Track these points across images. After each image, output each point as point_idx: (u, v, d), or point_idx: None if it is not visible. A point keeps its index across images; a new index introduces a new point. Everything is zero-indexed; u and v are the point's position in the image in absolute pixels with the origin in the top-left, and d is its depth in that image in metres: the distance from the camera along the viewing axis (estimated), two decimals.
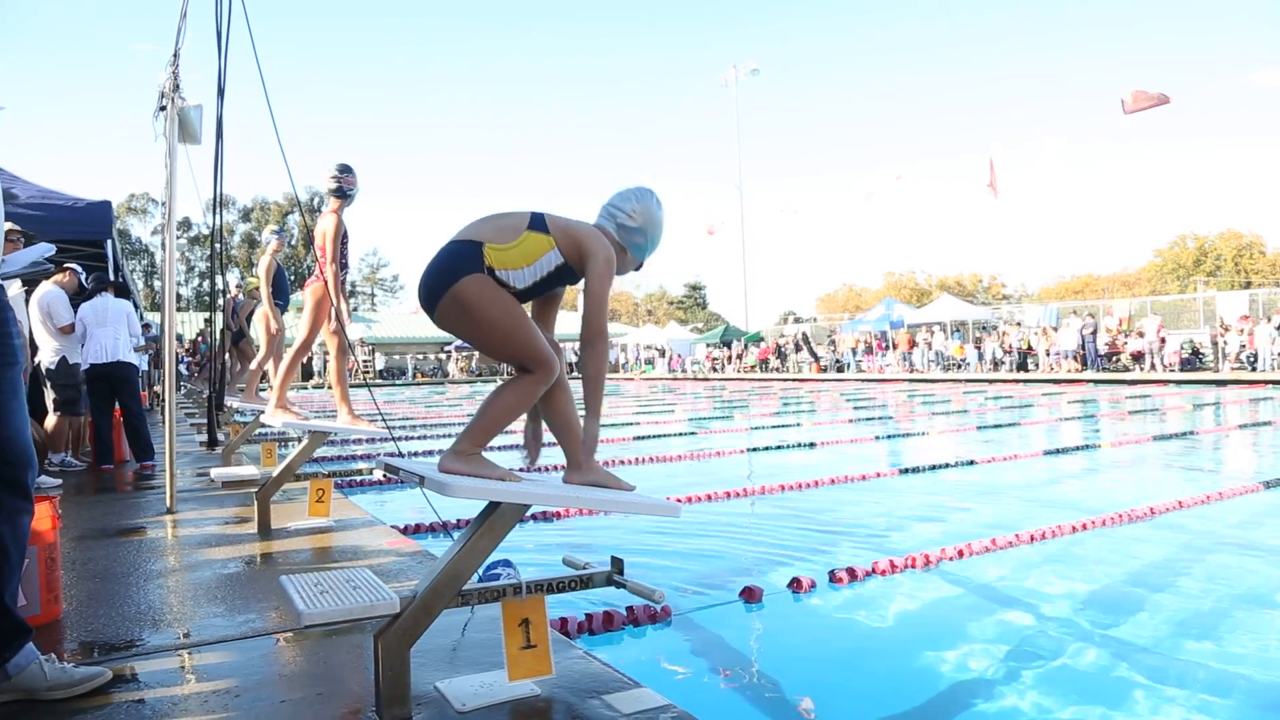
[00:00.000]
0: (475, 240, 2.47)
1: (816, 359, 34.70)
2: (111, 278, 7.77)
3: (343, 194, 5.43)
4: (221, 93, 4.21)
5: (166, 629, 3.11)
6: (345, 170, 5.43)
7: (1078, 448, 9.42)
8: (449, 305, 2.45)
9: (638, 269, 2.81)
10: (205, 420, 9.55)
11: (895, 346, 32.10)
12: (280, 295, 7.80)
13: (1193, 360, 23.95)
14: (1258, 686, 2.94)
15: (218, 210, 4.78)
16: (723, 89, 45.75)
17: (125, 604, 3.44)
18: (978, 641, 3.42)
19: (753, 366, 37.35)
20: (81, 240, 7.49)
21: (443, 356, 48.63)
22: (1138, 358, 24.52)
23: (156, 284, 60.59)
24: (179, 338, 19.91)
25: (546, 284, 2.54)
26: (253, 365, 8.04)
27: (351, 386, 5.72)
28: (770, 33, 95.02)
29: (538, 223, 2.53)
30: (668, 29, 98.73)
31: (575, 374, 2.90)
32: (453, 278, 2.42)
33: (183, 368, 22.77)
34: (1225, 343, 23.32)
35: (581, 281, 2.58)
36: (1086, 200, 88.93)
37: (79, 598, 3.55)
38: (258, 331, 8.21)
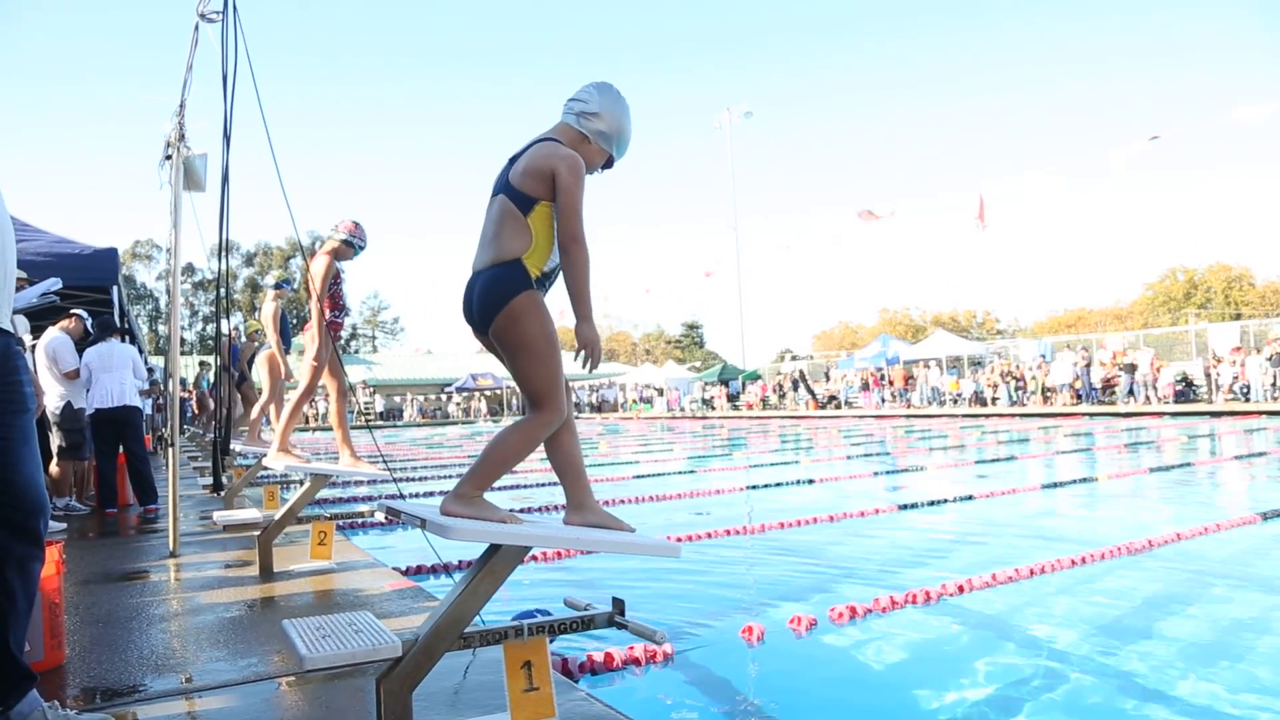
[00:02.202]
0: (514, 256, 2.53)
1: (814, 396, 34.73)
2: (117, 323, 7.85)
3: (349, 244, 5.52)
4: (228, 139, 4.29)
5: (169, 673, 3.12)
6: (358, 225, 5.56)
7: (1075, 481, 9.43)
8: (504, 321, 2.50)
9: (608, 165, 2.80)
10: (209, 463, 9.55)
11: (892, 383, 32.15)
12: (284, 339, 7.87)
13: (1186, 392, 24.01)
14: (1261, 718, 2.95)
15: (223, 255, 4.85)
16: (717, 131, 46.26)
17: (128, 649, 3.46)
18: (980, 677, 3.43)
19: (750, 404, 37.36)
20: (88, 286, 7.57)
21: (443, 398, 48.63)
22: (1130, 390, 24.57)
23: (161, 328, 60.75)
24: (182, 382, 19.93)
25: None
26: (255, 409, 8.08)
27: (352, 428, 5.75)
28: (763, 70, 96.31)
29: (516, 197, 2.56)
30: (661, 73, 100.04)
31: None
32: (512, 292, 2.49)
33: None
34: (1218, 374, 23.40)
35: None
36: (1077, 235, 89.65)
37: (82, 642, 3.56)
38: (260, 375, 8.25)
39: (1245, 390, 22.31)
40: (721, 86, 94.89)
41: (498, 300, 2.50)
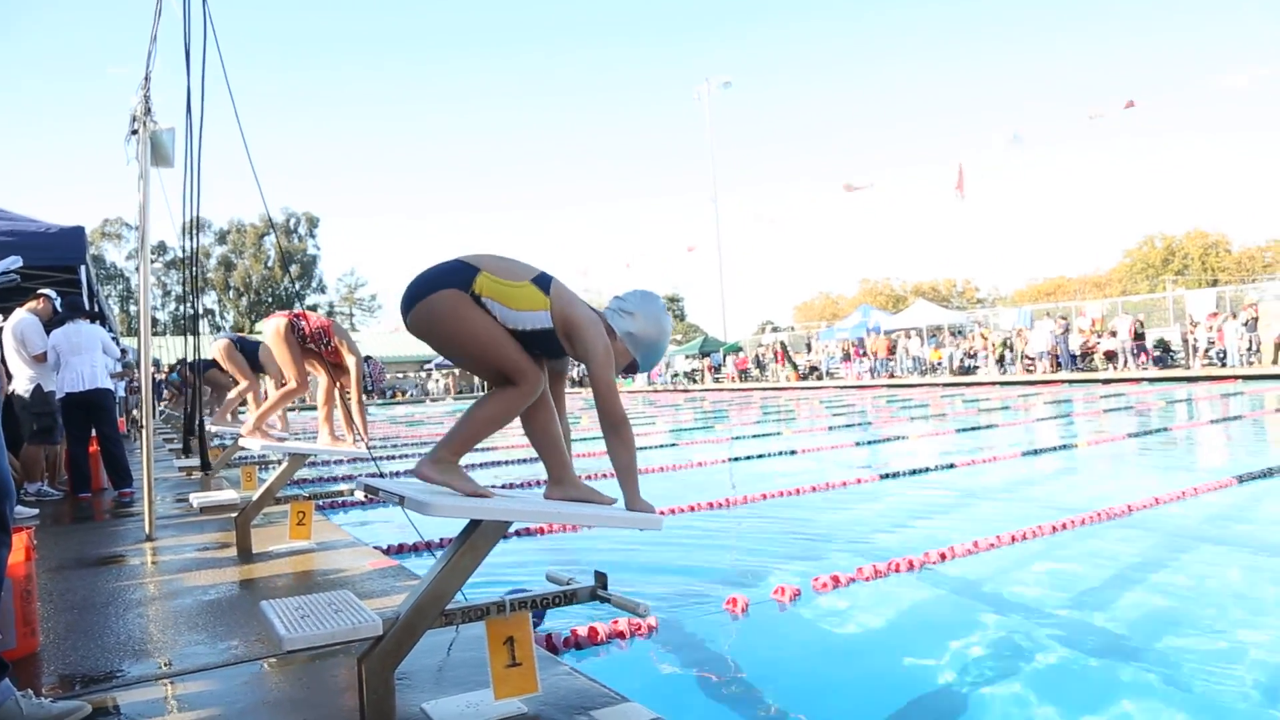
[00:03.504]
0: (473, 265, 2.47)
1: (795, 367, 34.83)
2: (86, 304, 7.70)
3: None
4: (190, 109, 4.18)
5: (147, 659, 3.08)
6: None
7: (1055, 448, 9.50)
8: (420, 313, 2.46)
9: (631, 370, 2.76)
10: (192, 444, 9.45)
11: (876, 354, 32.28)
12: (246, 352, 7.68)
13: (1164, 358, 24.25)
14: (1240, 679, 2.97)
15: (194, 233, 4.75)
16: (696, 102, 46.03)
17: (105, 634, 3.41)
18: (963, 644, 3.44)
19: (731, 376, 37.42)
20: (55, 266, 7.41)
21: (423, 375, 48.45)
22: (1110, 357, 24.79)
23: (133, 309, 60.02)
24: (156, 363, 19.71)
25: (527, 339, 2.50)
26: (233, 392, 7.98)
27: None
28: (742, 43, 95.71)
29: (542, 281, 2.52)
30: (640, 44, 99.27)
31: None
32: (433, 288, 2.44)
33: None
34: (1195, 340, 23.64)
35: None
36: (1056, 203, 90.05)
37: (57, 630, 3.51)
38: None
39: (1221, 355, 22.55)
40: (701, 57, 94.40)
41: (428, 287, 2.44)
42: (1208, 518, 5.57)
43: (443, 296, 2.42)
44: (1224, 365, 22.19)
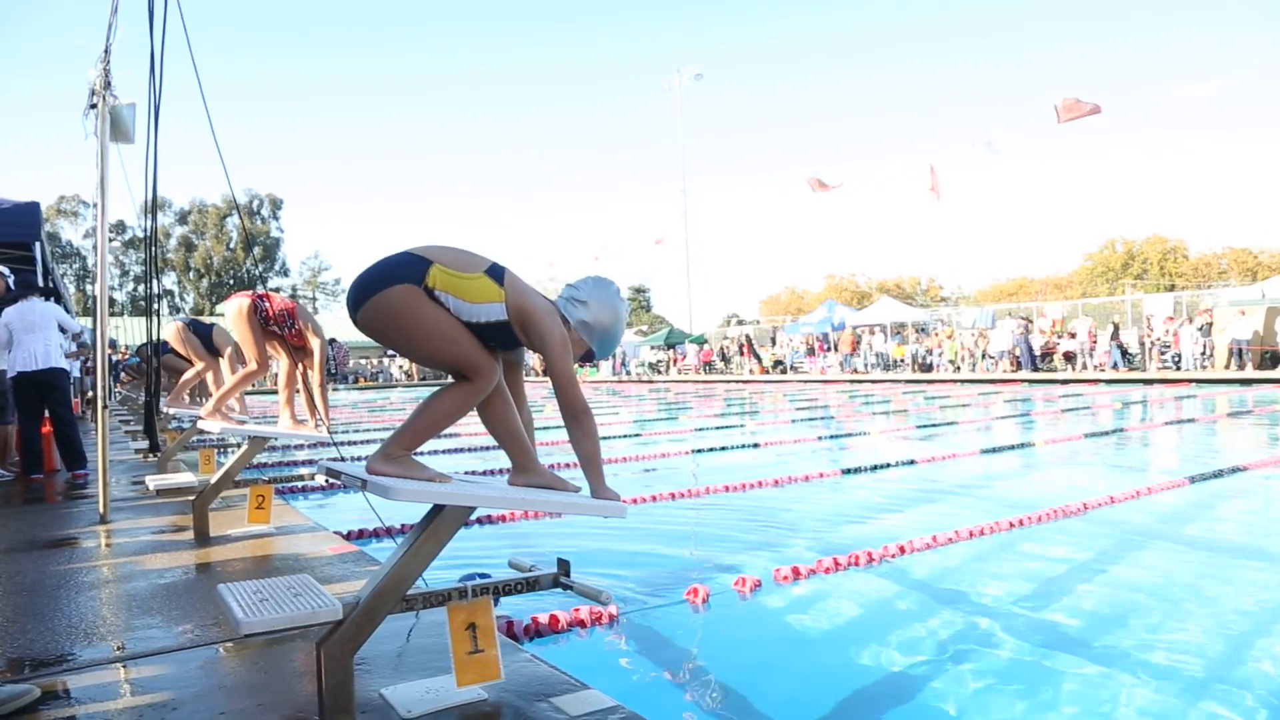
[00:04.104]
0: (425, 257, 2.41)
1: (759, 361, 35.01)
2: (41, 282, 7.53)
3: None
4: (153, 69, 4.08)
5: (100, 642, 3.03)
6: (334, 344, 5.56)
7: (1013, 446, 9.65)
8: (372, 309, 2.39)
9: (587, 359, 2.74)
10: (144, 426, 9.30)
11: (837, 348, 32.53)
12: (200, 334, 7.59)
13: (1121, 360, 24.69)
14: (1190, 672, 3.05)
15: (152, 212, 4.66)
16: (666, 93, 45.99)
17: (56, 617, 3.34)
18: (920, 636, 3.48)
19: (695, 368, 37.53)
20: (8, 243, 7.24)
21: (385, 360, 48.00)
22: (1069, 358, 25.21)
23: (89, 288, 58.79)
24: (113, 343, 19.34)
25: (482, 332, 2.46)
26: (190, 373, 7.85)
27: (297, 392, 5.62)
28: (714, 33, 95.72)
29: (495, 272, 2.48)
30: (610, 33, 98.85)
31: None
32: (385, 284, 2.37)
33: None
34: (1152, 343, 24.10)
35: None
36: (1020, 205, 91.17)
37: (6, 612, 3.44)
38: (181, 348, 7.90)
39: (1177, 359, 23.01)
40: (672, 48, 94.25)
41: (380, 283, 2.38)
42: (1161, 516, 5.70)
43: (396, 291, 2.36)
44: (1179, 369, 22.64)
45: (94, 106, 5.23)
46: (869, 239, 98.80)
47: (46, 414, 7.54)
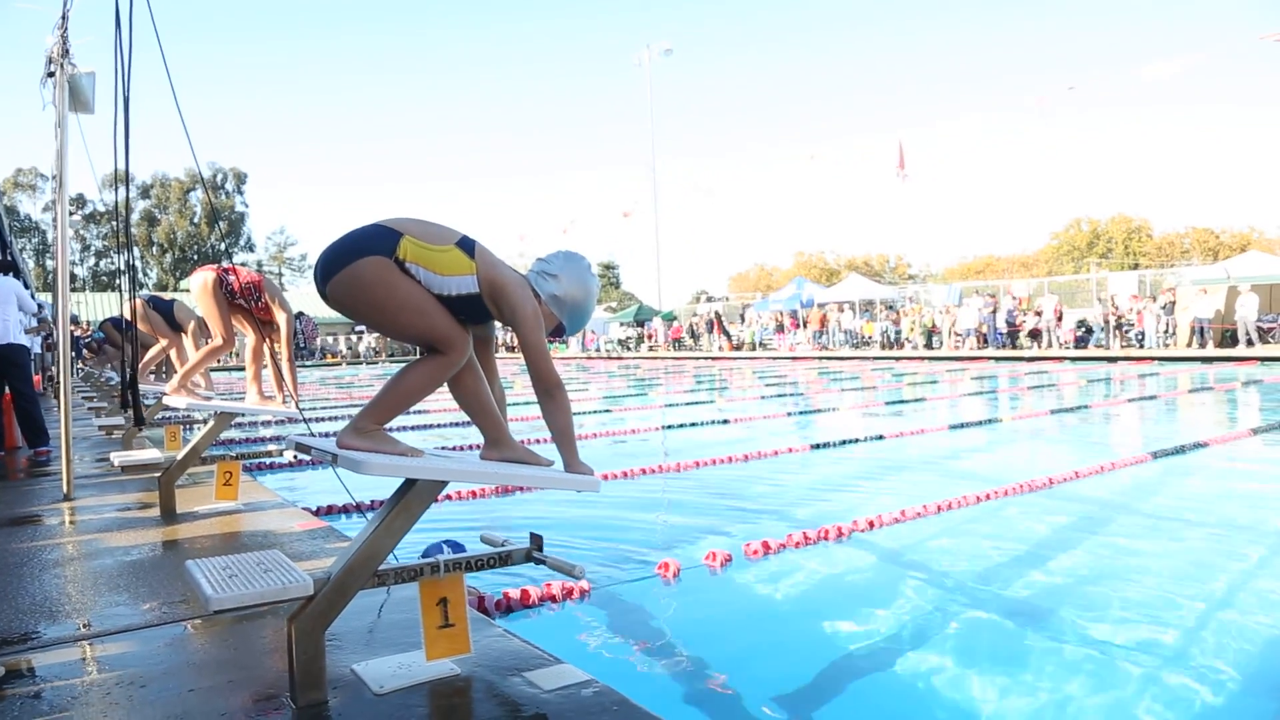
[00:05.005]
0: (395, 229, 2.38)
1: (729, 337, 35.11)
2: None
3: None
4: (118, 24, 3.94)
5: (65, 620, 2.99)
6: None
7: (980, 422, 9.77)
8: (342, 282, 2.35)
9: (558, 333, 2.71)
10: (106, 404, 9.14)
11: (806, 325, 32.70)
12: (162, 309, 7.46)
13: (1086, 338, 25.05)
14: (1153, 642, 3.11)
15: (125, 184, 4.55)
16: (636, 69, 45.66)
17: (19, 596, 3.29)
18: (889, 609, 3.53)
19: (665, 345, 37.57)
20: None
21: (354, 338, 47.58)
22: (1035, 335, 25.52)
23: (49, 263, 57.59)
24: (75, 319, 18.99)
25: (453, 305, 2.43)
26: (154, 350, 7.73)
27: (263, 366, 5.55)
28: (683, 12, 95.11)
29: (466, 244, 2.46)
30: (580, 9, 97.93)
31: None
32: (355, 256, 2.33)
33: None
34: (1116, 321, 24.46)
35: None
36: (987, 184, 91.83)
37: None
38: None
39: (1140, 337, 23.38)
40: (640, 24, 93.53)
41: (349, 255, 2.34)
42: (1124, 491, 5.80)
43: (367, 263, 2.32)
44: (1142, 346, 23.01)
45: (51, 75, 5.10)
46: (838, 216, 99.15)
47: (7, 390, 7.40)
